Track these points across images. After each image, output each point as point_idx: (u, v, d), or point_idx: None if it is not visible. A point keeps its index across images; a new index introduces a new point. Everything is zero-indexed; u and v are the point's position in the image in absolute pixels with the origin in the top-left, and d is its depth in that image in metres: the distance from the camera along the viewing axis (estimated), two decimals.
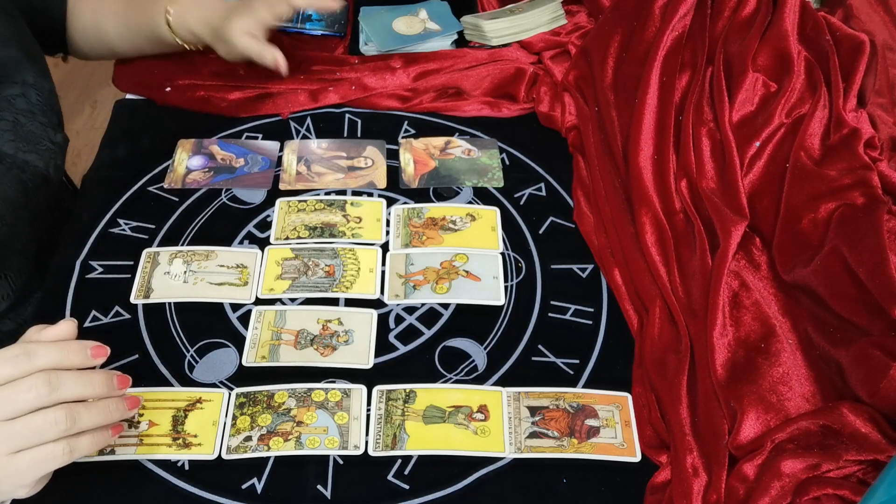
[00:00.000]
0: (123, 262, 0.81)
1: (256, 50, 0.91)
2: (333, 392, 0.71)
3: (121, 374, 0.62)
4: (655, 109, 0.84)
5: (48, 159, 0.80)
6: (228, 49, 0.93)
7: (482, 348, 0.75)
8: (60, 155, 0.83)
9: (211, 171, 0.91)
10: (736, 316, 0.72)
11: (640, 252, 0.78)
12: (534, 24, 1.03)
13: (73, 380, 0.58)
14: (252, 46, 0.91)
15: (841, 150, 0.76)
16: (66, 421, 0.57)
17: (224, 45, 0.93)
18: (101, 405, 0.60)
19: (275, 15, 0.92)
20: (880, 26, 0.84)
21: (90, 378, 0.59)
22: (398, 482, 0.66)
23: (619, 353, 0.75)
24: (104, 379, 0.60)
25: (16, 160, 0.77)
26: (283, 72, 0.93)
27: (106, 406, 0.60)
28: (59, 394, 0.57)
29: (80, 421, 0.58)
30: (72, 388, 0.58)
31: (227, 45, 0.92)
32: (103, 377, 0.60)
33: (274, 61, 0.92)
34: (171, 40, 0.96)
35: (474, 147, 0.94)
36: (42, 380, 0.56)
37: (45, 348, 0.58)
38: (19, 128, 0.78)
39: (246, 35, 0.91)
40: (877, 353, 0.62)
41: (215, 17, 0.93)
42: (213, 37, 0.94)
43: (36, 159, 0.79)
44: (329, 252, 0.83)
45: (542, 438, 0.69)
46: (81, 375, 0.59)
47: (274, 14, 0.92)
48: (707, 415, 0.66)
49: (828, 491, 0.59)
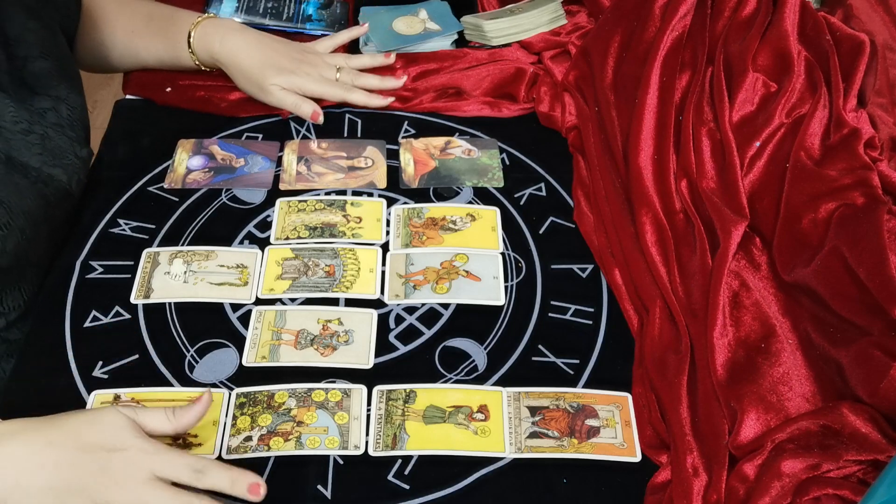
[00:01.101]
0: (123, 262, 0.81)
1: (292, 102, 0.95)
2: (333, 392, 0.71)
3: (257, 482, 0.63)
4: (655, 109, 0.84)
5: (72, 174, 0.81)
6: (257, 93, 0.96)
7: (482, 348, 0.75)
8: (84, 170, 0.83)
9: (211, 171, 0.91)
10: (736, 316, 0.72)
11: (640, 252, 0.78)
12: (534, 24, 1.03)
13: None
14: (287, 100, 0.95)
15: (841, 150, 0.76)
16: None
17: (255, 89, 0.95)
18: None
19: (322, 96, 0.96)
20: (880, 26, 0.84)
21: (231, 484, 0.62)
22: (398, 482, 0.66)
23: (619, 353, 0.75)
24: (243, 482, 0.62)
25: (41, 174, 0.77)
26: (321, 122, 0.95)
27: None
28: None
29: None
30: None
31: (261, 91, 0.95)
32: (243, 482, 0.62)
33: (311, 113, 0.95)
34: (189, 62, 0.97)
35: (474, 147, 0.94)
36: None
37: (218, 473, 0.62)
38: (47, 141, 0.78)
39: (283, 91, 0.94)
40: (877, 353, 0.62)
41: (246, 60, 0.94)
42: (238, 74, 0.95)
43: (60, 174, 0.79)
44: (329, 252, 0.83)
45: (543, 438, 0.69)
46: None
47: (322, 95, 0.96)
48: (707, 415, 0.66)
49: (828, 491, 0.59)
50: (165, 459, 0.61)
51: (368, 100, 0.97)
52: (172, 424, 0.64)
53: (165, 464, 0.61)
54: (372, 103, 0.97)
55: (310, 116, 0.95)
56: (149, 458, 0.61)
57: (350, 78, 0.97)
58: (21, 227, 0.75)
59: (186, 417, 0.65)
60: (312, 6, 1.11)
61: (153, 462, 0.61)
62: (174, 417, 0.64)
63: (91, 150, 0.86)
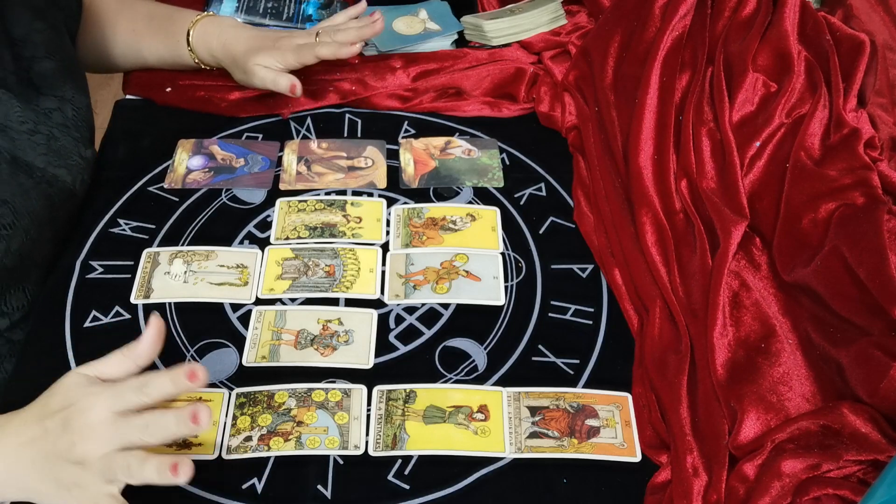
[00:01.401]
0: (123, 262, 0.81)
1: (271, 79, 0.94)
2: (333, 392, 0.71)
3: (189, 371, 0.61)
4: (655, 109, 0.84)
5: (76, 174, 0.81)
6: (246, 78, 0.95)
7: (482, 348, 0.75)
8: (88, 170, 0.84)
9: (211, 171, 0.91)
10: (736, 316, 0.72)
11: (640, 252, 0.78)
12: (534, 24, 1.03)
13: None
14: (267, 77, 0.94)
15: (841, 150, 0.76)
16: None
17: (243, 75, 0.95)
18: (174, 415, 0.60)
19: (300, 62, 0.94)
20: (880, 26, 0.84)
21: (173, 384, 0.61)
22: (398, 482, 0.66)
23: (619, 353, 0.75)
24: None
25: (45, 174, 0.77)
26: (298, 94, 0.94)
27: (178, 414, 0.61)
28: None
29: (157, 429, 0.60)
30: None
31: (245, 74, 0.95)
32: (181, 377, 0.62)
33: (289, 86, 0.94)
34: (189, 60, 0.97)
35: (474, 147, 0.94)
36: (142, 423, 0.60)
37: (159, 379, 0.61)
38: (53, 142, 0.79)
39: (264, 69, 0.93)
40: (877, 353, 0.62)
41: (238, 47, 0.94)
42: (232, 64, 0.95)
43: (65, 174, 0.79)
44: (329, 252, 0.83)
45: (543, 438, 0.69)
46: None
47: (299, 61, 0.94)
48: (707, 415, 0.66)
49: (828, 491, 0.59)
50: (112, 392, 0.60)
51: (337, 50, 0.93)
52: (130, 358, 0.63)
53: (113, 396, 0.60)
54: (341, 53, 0.93)
55: (287, 89, 0.94)
56: (96, 398, 0.60)
57: (328, 36, 0.95)
58: (26, 228, 0.75)
59: (141, 347, 0.63)
60: (312, 6, 1.11)
61: (103, 402, 0.60)
62: (130, 352, 0.63)
63: (95, 151, 0.86)
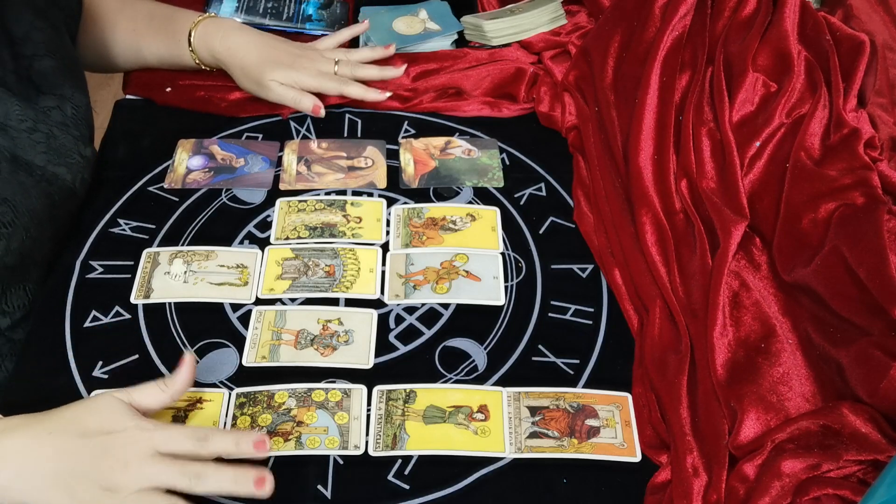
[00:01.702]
0: (123, 262, 0.81)
1: (292, 97, 0.94)
2: (333, 392, 0.71)
3: (261, 438, 0.63)
4: (655, 109, 0.84)
5: (76, 173, 0.81)
6: (258, 90, 0.95)
7: (482, 348, 0.75)
8: (88, 169, 0.84)
9: (211, 171, 0.91)
10: (736, 316, 0.72)
11: (640, 252, 0.78)
12: (534, 24, 1.03)
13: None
14: (287, 95, 0.94)
15: (841, 150, 0.76)
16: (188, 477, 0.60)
17: (254, 86, 0.95)
18: (229, 472, 0.62)
19: (321, 90, 0.95)
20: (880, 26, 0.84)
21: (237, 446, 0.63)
22: (398, 482, 0.66)
23: (619, 353, 0.75)
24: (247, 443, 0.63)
25: (45, 173, 0.77)
26: (322, 115, 0.95)
27: (234, 476, 0.62)
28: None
29: (206, 483, 0.61)
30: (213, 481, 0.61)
31: (259, 87, 0.94)
32: (247, 442, 0.63)
33: (312, 107, 0.94)
34: (189, 61, 0.97)
35: (474, 147, 0.94)
36: (195, 471, 0.61)
37: (221, 438, 0.63)
38: (52, 140, 0.79)
39: (282, 86, 0.93)
40: (877, 353, 0.62)
41: (248, 56, 0.94)
42: (240, 72, 0.95)
43: (64, 172, 0.79)
44: (329, 252, 0.83)
45: (543, 438, 0.69)
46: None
47: (320, 89, 0.95)
48: (707, 415, 0.66)
49: (828, 491, 0.59)
50: (166, 434, 0.61)
51: (366, 93, 0.95)
52: (167, 393, 0.65)
53: (167, 438, 0.61)
54: (369, 97, 0.95)
55: (311, 110, 0.94)
56: (149, 434, 0.61)
57: (349, 70, 0.96)
58: (26, 226, 0.75)
59: (178, 382, 0.65)
60: (312, 6, 1.11)
61: (153, 438, 0.61)
62: (167, 386, 0.65)
63: (95, 150, 0.86)
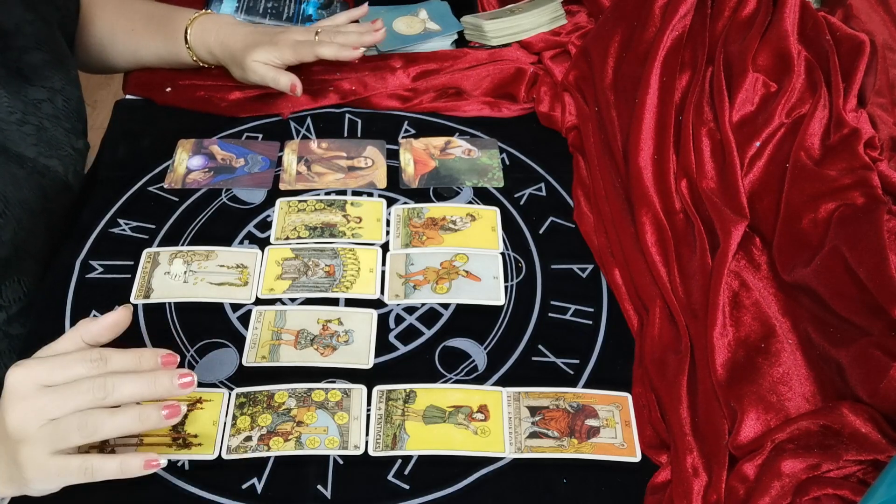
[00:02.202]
0: (123, 262, 0.81)
1: (272, 77, 0.93)
2: (333, 392, 0.71)
3: (169, 353, 0.61)
4: (655, 109, 0.84)
5: (68, 165, 0.81)
6: (244, 75, 0.95)
7: (482, 348, 0.75)
8: (81, 162, 0.84)
9: (211, 171, 0.91)
10: (736, 316, 0.72)
11: (640, 252, 0.78)
12: (534, 24, 1.03)
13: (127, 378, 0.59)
14: (267, 75, 0.93)
15: (841, 150, 0.76)
16: (102, 389, 0.57)
17: (240, 71, 0.95)
18: (144, 375, 0.59)
19: (297, 58, 0.94)
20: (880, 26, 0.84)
21: (139, 360, 0.60)
22: (398, 482, 0.66)
23: (619, 353, 0.75)
24: (152, 357, 0.61)
25: (37, 164, 0.77)
26: (298, 93, 0.94)
27: (151, 377, 0.59)
28: (114, 396, 0.58)
29: (119, 389, 0.58)
30: (126, 385, 0.58)
31: (243, 71, 0.94)
32: (150, 355, 0.61)
33: (289, 84, 0.94)
34: (187, 59, 0.97)
35: (474, 147, 0.94)
36: (99, 383, 0.58)
37: (120, 355, 0.59)
38: (43, 132, 0.79)
39: (263, 65, 0.93)
40: (877, 353, 0.62)
41: (235, 43, 0.94)
42: (230, 61, 0.95)
43: (57, 165, 0.79)
44: (329, 252, 0.83)
45: (542, 438, 0.69)
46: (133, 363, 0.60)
47: (297, 57, 0.94)
48: (707, 415, 0.66)
49: (828, 491, 0.59)
50: (49, 364, 0.58)
51: (339, 51, 0.94)
52: (82, 337, 0.62)
53: (51, 368, 0.58)
54: (342, 55, 0.94)
55: (288, 88, 0.94)
56: (25, 370, 0.58)
57: (328, 36, 0.95)
58: (17, 217, 0.75)
59: (95, 328, 0.62)
60: (312, 6, 1.11)
61: (33, 373, 0.58)
62: (86, 330, 0.62)
63: (88, 143, 0.86)
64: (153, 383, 0.59)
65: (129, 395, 0.58)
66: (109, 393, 0.58)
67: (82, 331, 0.62)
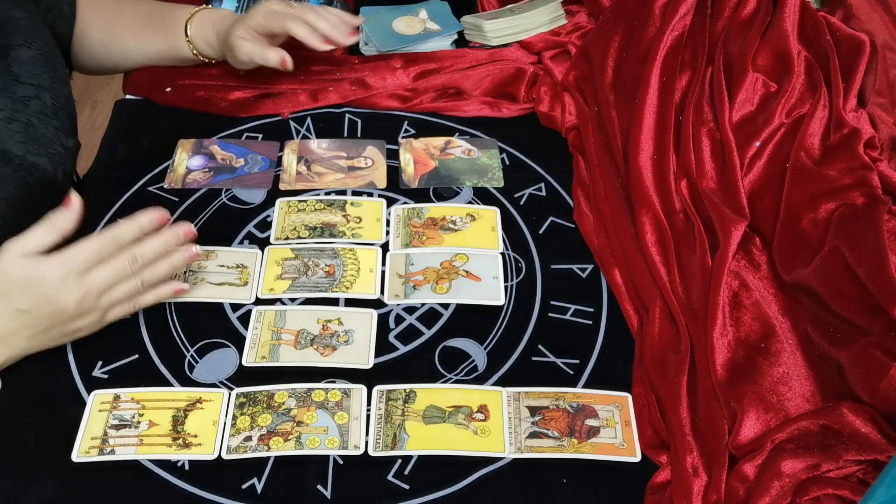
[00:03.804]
0: None
1: (259, 52, 0.92)
2: (333, 392, 0.71)
3: (187, 229, 0.74)
4: (655, 109, 0.84)
5: (57, 164, 0.80)
6: (234, 57, 0.94)
7: (482, 348, 0.75)
8: (70, 160, 0.83)
9: (211, 171, 0.91)
10: (736, 316, 0.72)
11: (640, 252, 0.78)
12: (534, 24, 1.03)
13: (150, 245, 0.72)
14: (255, 50, 0.92)
15: (841, 150, 0.76)
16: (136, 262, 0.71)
17: (232, 54, 0.95)
18: (164, 258, 0.73)
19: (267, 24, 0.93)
20: (880, 26, 0.84)
21: (164, 239, 0.73)
22: (398, 482, 0.66)
23: (619, 353, 0.75)
24: (173, 236, 0.73)
25: (24, 162, 0.77)
26: (289, 68, 0.93)
27: (169, 258, 0.73)
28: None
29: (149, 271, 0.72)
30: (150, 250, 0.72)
31: (232, 52, 0.94)
32: (171, 234, 0.73)
33: (278, 60, 0.93)
34: (187, 53, 0.97)
35: (474, 147, 0.94)
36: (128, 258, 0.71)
37: (150, 243, 0.72)
38: (31, 130, 0.78)
39: (244, 40, 0.92)
40: (877, 353, 0.62)
41: (226, 28, 0.95)
42: (225, 47, 0.95)
43: (45, 163, 0.79)
44: (329, 252, 0.83)
45: (542, 438, 0.69)
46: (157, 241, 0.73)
47: (267, 23, 0.93)
48: (707, 415, 0.66)
49: (828, 491, 0.59)
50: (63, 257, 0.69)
51: (308, 35, 0.92)
52: (58, 233, 0.69)
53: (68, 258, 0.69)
54: (310, 41, 0.92)
55: (277, 63, 0.92)
56: (47, 264, 0.69)
57: (301, 13, 0.93)
58: (2, 215, 0.75)
59: (65, 221, 0.70)
60: None
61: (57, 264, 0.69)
62: (55, 227, 0.69)
63: (79, 142, 0.86)
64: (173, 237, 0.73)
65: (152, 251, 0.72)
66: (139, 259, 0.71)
67: (54, 231, 0.70)
